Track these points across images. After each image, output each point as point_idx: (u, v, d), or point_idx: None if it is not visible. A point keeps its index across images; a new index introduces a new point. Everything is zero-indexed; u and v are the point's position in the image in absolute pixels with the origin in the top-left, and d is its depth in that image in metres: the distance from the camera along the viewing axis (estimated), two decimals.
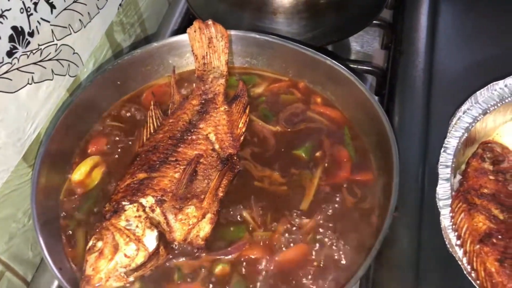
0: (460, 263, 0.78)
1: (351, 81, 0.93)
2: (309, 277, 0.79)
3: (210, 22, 1.00)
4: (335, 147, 0.93)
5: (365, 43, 1.27)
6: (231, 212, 0.85)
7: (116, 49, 1.18)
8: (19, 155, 0.90)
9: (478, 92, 0.93)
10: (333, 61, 0.96)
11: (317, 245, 0.82)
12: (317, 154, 0.93)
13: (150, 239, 0.78)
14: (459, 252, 0.78)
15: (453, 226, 0.80)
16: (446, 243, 0.80)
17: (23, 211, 0.94)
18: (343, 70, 0.94)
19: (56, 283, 0.92)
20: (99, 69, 1.09)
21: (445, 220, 0.81)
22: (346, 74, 0.94)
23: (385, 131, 0.86)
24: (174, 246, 0.82)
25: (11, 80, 0.84)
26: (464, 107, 0.92)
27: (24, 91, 0.88)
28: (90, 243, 0.78)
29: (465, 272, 0.77)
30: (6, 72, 0.83)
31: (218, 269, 0.80)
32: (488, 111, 0.91)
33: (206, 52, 1.00)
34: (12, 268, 0.94)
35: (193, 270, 0.80)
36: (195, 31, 1.00)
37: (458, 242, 0.78)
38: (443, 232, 0.80)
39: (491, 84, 0.93)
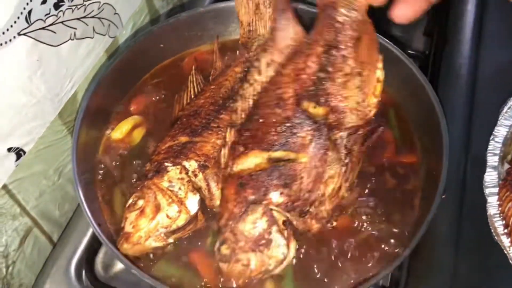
0: (506, 252, 0.76)
1: (400, 60, 0.91)
2: (351, 250, 0.78)
3: None
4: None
5: (406, 29, 1.23)
6: None
7: (154, 15, 1.16)
8: (55, 111, 0.89)
9: None
10: (383, 37, 0.93)
11: (359, 221, 0.81)
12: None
13: (193, 203, 0.77)
14: (505, 241, 0.77)
15: (501, 215, 0.78)
16: (492, 231, 0.78)
17: (54, 168, 0.93)
18: (393, 48, 0.92)
19: (82, 246, 0.92)
20: (137, 33, 1.07)
21: (492, 208, 0.80)
22: (396, 52, 0.91)
23: (435, 113, 0.84)
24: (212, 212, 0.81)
25: (55, 33, 0.82)
26: None
27: (65, 46, 0.86)
28: (131, 201, 0.77)
29: (510, 262, 0.75)
30: (52, 24, 0.81)
31: None
32: None
33: (252, 19, 0.97)
34: (40, 225, 0.93)
35: None
36: None
37: (506, 231, 0.77)
38: (488, 220, 0.79)
39: None
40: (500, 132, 0.86)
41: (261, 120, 0.76)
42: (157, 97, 0.95)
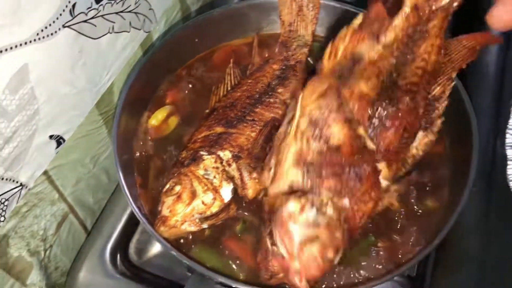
0: None
1: None
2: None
3: None
4: None
5: None
6: None
7: (186, 11, 1.19)
8: (93, 102, 0.92)
9: None
10: None
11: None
12: None
13: (227, 191, 0.79)
14: None
15: None
16: None
17: (90, 157, 0.96)
18: None
19: (116, 232, 0.96)
20: (170, 29, 1.10)
21: None
22: None
23: (463, 104, 0.86)
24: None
25: (95, 26, 0.85)
26: None
27: (105, 39, 0.89)
28: (168, 186, 0.80)
29: None
30: (92, 17, 0.84)
31: None
32: None
33: (294, 20, 1.00)
34: (76, 211, 0.96)
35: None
36: None
37: None
38: None
39: None
40: None
41: None
42: (191, 89, 0.99)
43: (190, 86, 0.99)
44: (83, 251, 0.95)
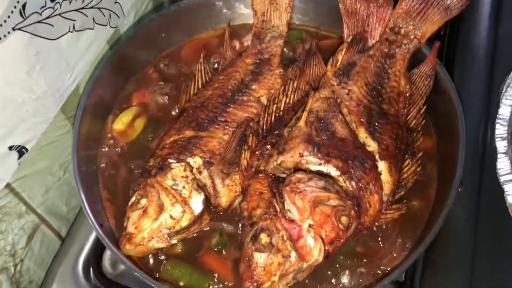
0: None
1: None
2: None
3: None
4: None
5: None
6: None
7: (157, 2, 1.13)
8: (57, 106, 0.86)
9: None
10: None
11: None
12: None
13: (197, 202, 0.75)
14: None
15: None
16: None
17: (59, 164, 0.91)
18: None
19: (90, 242, 0.91)
20: (140, 21, 1.04)
21: (510, 197, 0.75)
22: None
23: (450, 97, 0.81)
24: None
25: (52, 26, 0.80)
26: None
27: (64, 39, 0.83)
28: (133, 199, 0.75)
29: None
30: (48, 17, 0.78)
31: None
32: None
33: (267, 9, 0.94)
34: (47, 222, 0.92)
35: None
36: None
37: None
38: (509, 209, 0.75)
39: None
40: (503, 114, 0.80)
41: None
42: (158, 88, 0.93)
43: (158, 85, 0.93)
44: (54, 265, 0.91)
